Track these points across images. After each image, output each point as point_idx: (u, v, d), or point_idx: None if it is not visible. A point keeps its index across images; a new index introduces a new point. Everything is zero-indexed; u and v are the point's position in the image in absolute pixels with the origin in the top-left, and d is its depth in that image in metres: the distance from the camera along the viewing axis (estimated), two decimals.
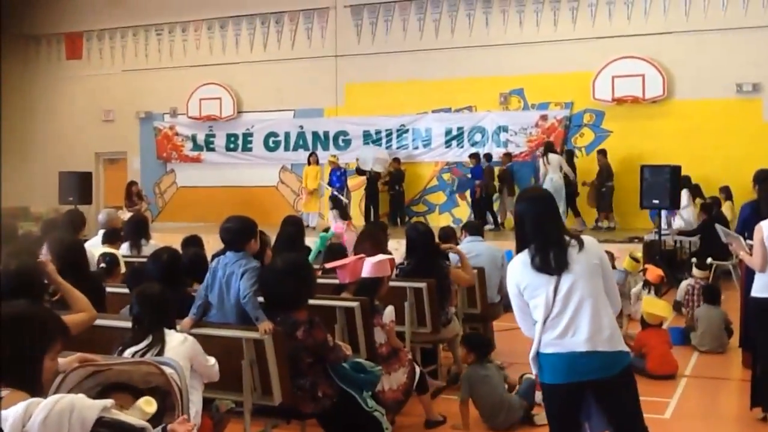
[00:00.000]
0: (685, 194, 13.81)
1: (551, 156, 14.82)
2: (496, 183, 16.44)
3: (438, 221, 17.13)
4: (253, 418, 4.92)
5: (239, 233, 5.29)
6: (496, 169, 16.50)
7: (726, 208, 13.63)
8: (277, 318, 4.94)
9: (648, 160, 14.86)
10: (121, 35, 20.34)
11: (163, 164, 20.02)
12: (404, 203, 17.48)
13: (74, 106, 20.50)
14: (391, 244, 8.44)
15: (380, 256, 5.93)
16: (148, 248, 8.71)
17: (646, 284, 10.55)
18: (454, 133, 17.48)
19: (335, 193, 16.19)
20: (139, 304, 4.42)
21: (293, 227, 7.80)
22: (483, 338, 6.42)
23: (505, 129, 17.07)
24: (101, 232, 8.69)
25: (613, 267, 10.51)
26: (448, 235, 7.96)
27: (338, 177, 16.88)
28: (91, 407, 2.64)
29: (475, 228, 8.42)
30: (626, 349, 3.88)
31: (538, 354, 3.89)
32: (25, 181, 19.56)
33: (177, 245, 8.20)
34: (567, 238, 3.85)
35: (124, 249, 8.46)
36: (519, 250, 3.93)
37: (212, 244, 14.68)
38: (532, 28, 16.84)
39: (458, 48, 17.25)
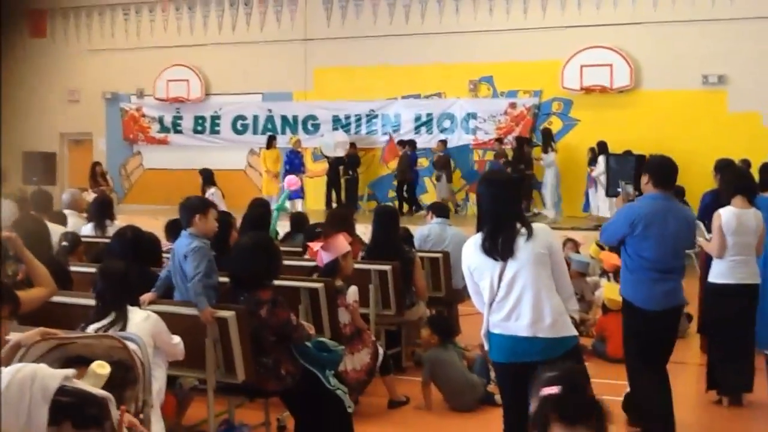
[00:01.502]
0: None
1: (554, 144, 14.78)
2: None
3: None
4: (216, 396, 4.94)
5: (184, 209, 5.25)
6: (434, 156, 16.82)
7: None
8: (241, 297, 4.95)
9: (615, 149, 15.03)
10: (86, 14, 20.04)
11: (129, 146, 19.83)
12: (357, 188, 17.45)
13: (38, 85, 20.18)
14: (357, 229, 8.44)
15: (334, 237, 5.93)
16: (113, 229, 8.68)
17: (604, 272, 10.70)
18: (424, 119, 17.52)
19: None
20: (102, 281, 4.41)
21: (261, 209, 7.80)
22: (447, 321, 6.49)
23: (474, 116, 17.15)
24: (66, 211, 8.66)
25: (577, 253, 10.72)
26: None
27: (300, 161, 16.89)
28: (53, 376, 2.65)
29: (441, 210, 8.44)
30: (572, 333, 3.96)
31: (488, 332, 4.04)
32: None
33: (143, 227, 8.20)
34: (518, 225, 3.91)
35: (88, 229, 8.41)
36: (478, 230, 4.01)
37: None
38: (502, 15, 16.89)
39: (428, 34, 17.26)
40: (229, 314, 4.79)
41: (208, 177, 13.97)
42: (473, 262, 3.98)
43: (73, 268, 5.84)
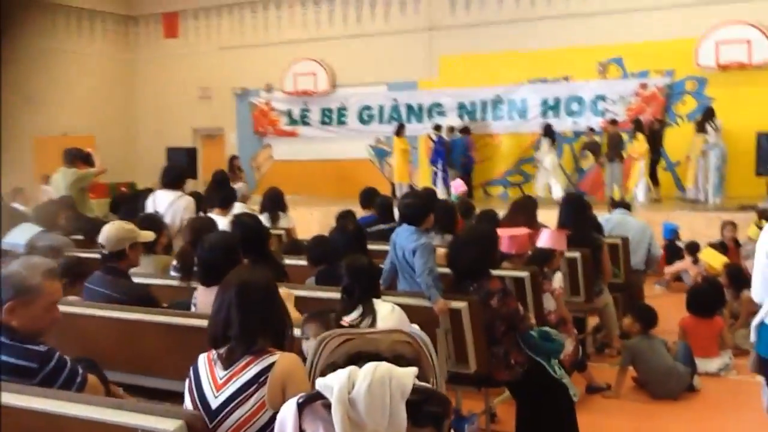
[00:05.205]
0: None
1: (717, 121, 14.21)
2: None
3: (534, 191, 17.08)
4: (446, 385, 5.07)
5: (418, 209, 5.41)
6: None
7: None
8: (470, 287, 5.06)
9: (755, 128, 14.58)
10: (216, 13, 20.65)
11: (259, 139, 20.32)
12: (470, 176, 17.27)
13: (172, 83, 20.89)
14: None
15: (558, 231, 6.03)
16: (285, 220, 8.97)
17: None
18: (551, 103, 17.36)
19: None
20: (350, 276, 4.55)
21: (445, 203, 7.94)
22: (651, 310, 6.45)
23: (603, 98, 16.87)
24: (237, 204, 8.90)
25: (737, 239, 10.47)
26: None
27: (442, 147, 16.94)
28: (406, 374, 2.77)
29: (623, 200, 8.49)
30: None
31: (762, 323, 3.83)
32: (131, 157, 20.19)
33: None
34: None
35: (262, 220, 8.68)
36: None
37: (316, 215, 15.00)
38: None
39: (555, 17, 17.02)
40: (462, 305, 4.90)
41: None
42: None
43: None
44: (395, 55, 18.34)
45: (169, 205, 7.47)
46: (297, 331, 3.79)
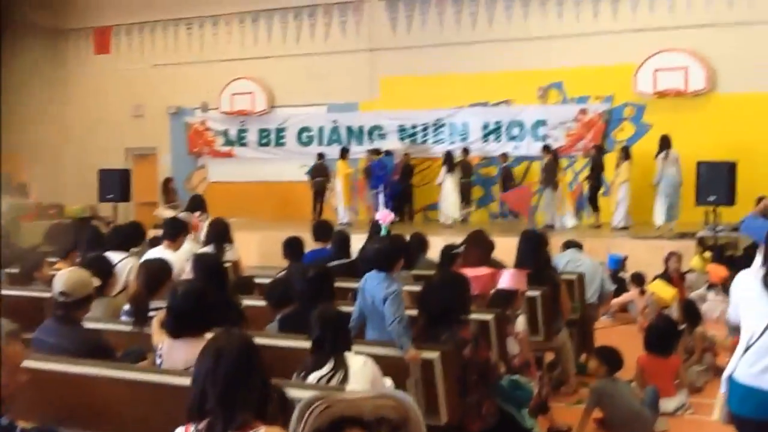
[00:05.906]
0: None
1: (672, 152, 14.18)
2: None
3: (477, 216, 17.10)
4: None
5: (388, 254, 5.21)
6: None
7: None
8: (442, 336, 4.87)
9: (692, 156, 14.73)
10: (150, 29, 20.06)
11: (194, 160, 19.77)
12: (410, 200, 17.54)
13: (104, 101, 20.15)
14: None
15: (519, 271, 5.88)
16: (232, 252, 8.61)
17: (711, 286, 10.40)
18: (492, 127, 17.37)
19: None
20: (321, 328, 4.33)
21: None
22: (616, 353, 6.36)
23: (543, 123, 16.97)
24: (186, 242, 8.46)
25: (680, 269, 10.51)
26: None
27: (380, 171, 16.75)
28: None
29: (574, 240, 8.53)
30: None
31: (730, 377, 3.72)
32: (57, 178, 19.39)
33: None
34: None
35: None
36: (764, 263, 3.66)
37: (256, 238, 14.65)
38: (571, 20, 16.67)
39: (496, 41, 17.06)
40: (434, 355, 4.70)
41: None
42: (744, 293, 3.71)
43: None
44: (336, 76, 18.10)
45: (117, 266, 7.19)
46: None
